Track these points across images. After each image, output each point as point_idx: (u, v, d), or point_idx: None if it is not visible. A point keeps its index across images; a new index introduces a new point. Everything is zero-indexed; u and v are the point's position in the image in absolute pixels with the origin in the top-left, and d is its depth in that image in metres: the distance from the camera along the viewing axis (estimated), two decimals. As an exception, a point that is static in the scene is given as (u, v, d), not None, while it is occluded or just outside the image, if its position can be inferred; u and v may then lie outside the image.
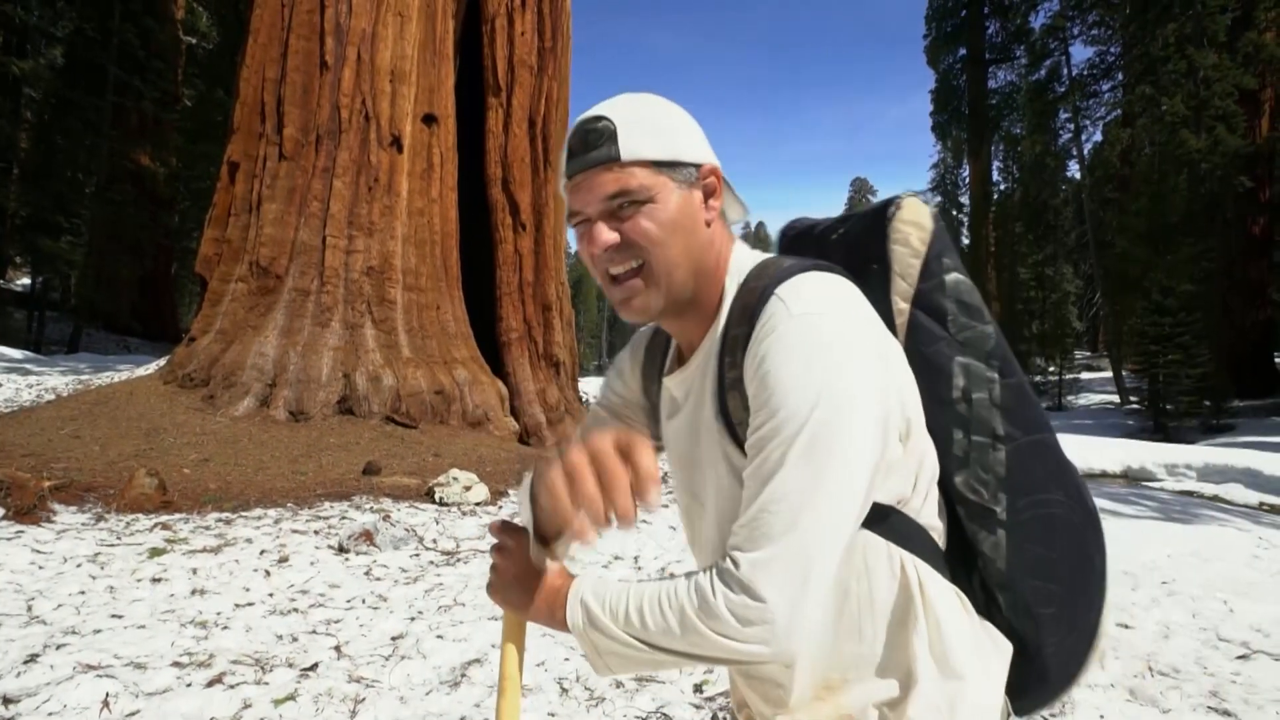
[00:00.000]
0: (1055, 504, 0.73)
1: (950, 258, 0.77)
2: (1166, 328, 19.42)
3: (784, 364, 0.62)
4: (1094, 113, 29.59)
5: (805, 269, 0.70)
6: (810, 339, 0.62)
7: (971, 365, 0.74)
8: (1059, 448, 0.75)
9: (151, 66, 19.27)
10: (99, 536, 4.35)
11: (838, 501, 0.61)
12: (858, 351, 0.63)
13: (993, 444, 0.73)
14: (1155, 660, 3.11)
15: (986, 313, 0.75)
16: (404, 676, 2.76)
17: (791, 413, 0.61)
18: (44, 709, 2.27)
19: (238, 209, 9.17)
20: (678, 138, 0.72)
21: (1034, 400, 0.75)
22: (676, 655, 0.65)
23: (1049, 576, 0.73)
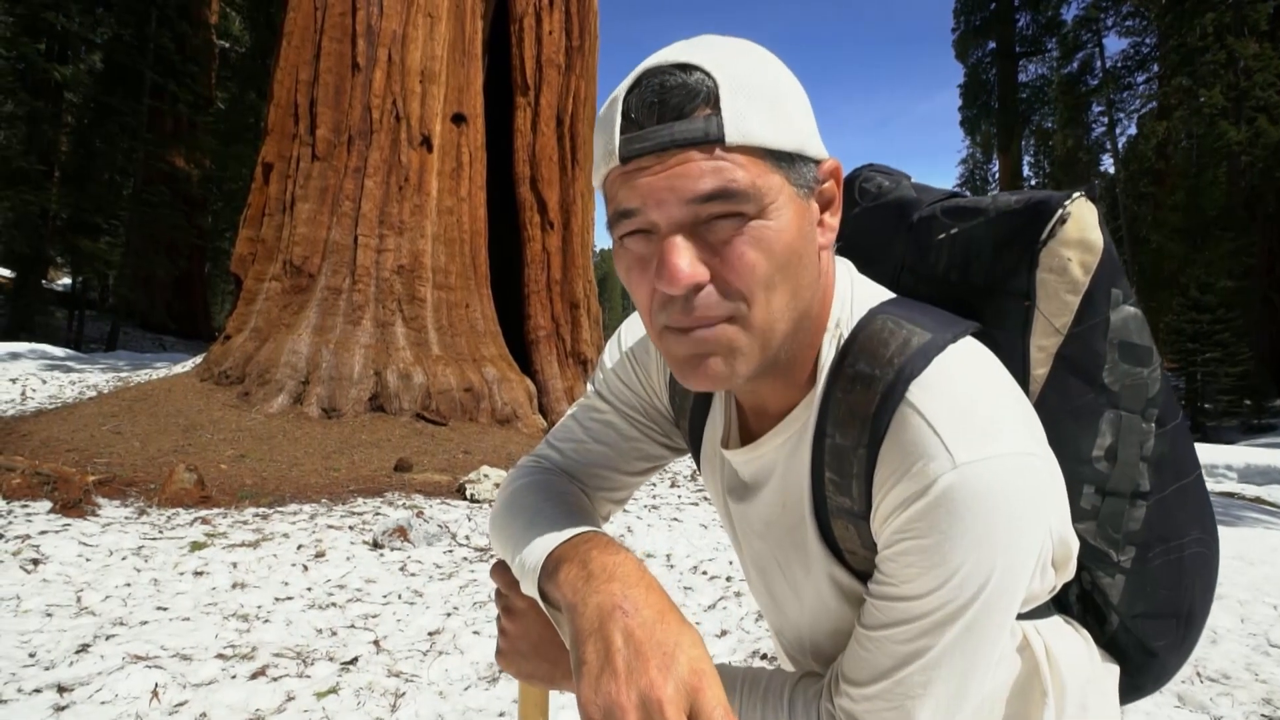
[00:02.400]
0: (1190, 545, 0.63)
1: (1121, 285, 0.57)
2: (1204, 325, 18.89)
3: (949, 542, 0.46)
4: (1128, 105, 28.88)
5: (943, 344, 0.51)
6: (984, 508, 0.46)
7: (1124, 419, 0.58)
8: (1203, 483, 0.64)
9: (186, 71, 19.68)
10: (142, 530, 4.45)
11: (981, 676, 0.51)
12: (1037, 513, 0.48)
13: (1131, 501, 0.60)
14: (1204, 666, 3.00)
15: (1155, 351, 0.58)
16: (442, 672, 2.77)
17: (952, 596, 0.48)
18: (96, 698, 2.32)
19: (272, 209, 9.33)
20: (799, 117, 0.49)
21: (1189, 442, 0.62)
22: None
23: (1170, 614, 0.64)
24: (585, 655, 0.46)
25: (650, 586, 0.49)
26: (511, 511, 0.66)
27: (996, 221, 0.58)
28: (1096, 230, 0.55)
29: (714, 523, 5.57)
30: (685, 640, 0.45)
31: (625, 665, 0.44)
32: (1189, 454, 0.62)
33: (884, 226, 0.66)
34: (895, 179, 0.69)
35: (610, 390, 0.75)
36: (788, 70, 0.51)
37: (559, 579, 0.53)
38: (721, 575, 4.19)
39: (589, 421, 0.76)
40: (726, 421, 0.67)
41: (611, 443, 0.74)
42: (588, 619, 0.47)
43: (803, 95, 0.51)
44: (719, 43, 0.49)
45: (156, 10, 18.47)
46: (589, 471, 0.74)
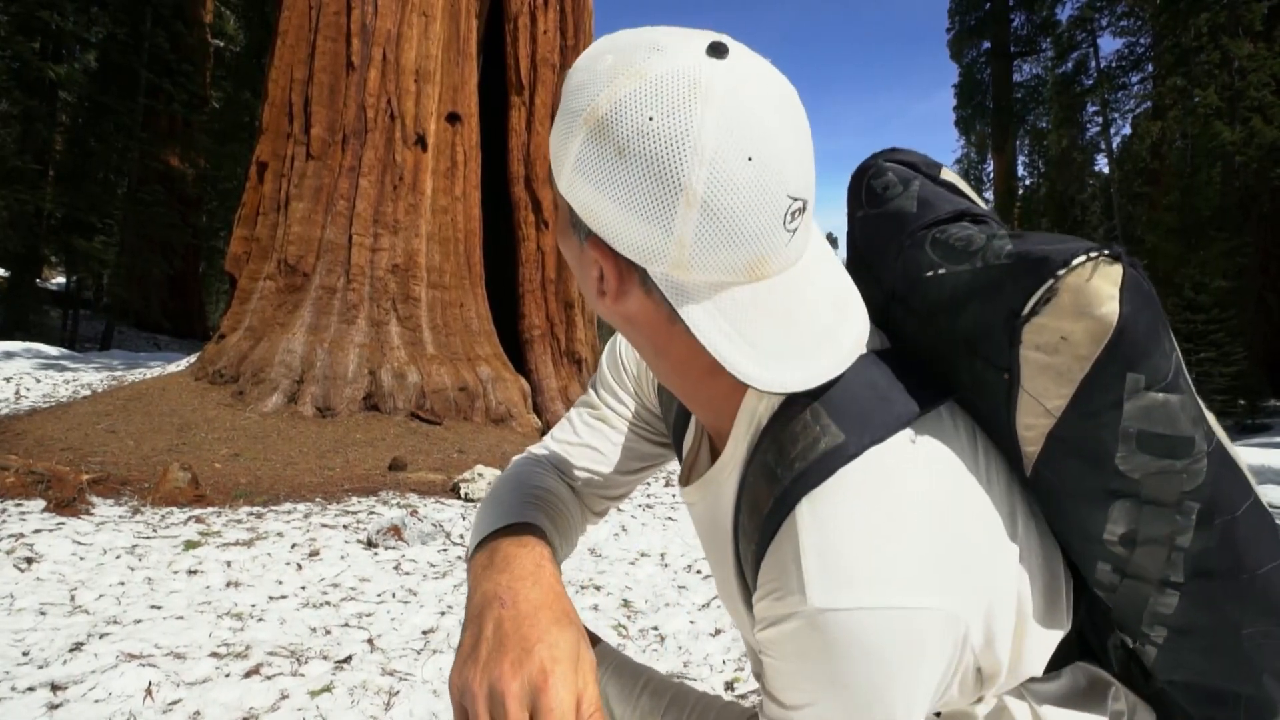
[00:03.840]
0: (1255, 636, 0.50)
1: (1145, 366, 0.43)
2: (1199, 325, 18.97)
3: (804, 676, 0.45)
4: (1123, 105, 28.97)
5: (852, 454, 0.45)
6: (837, 658, 0.43)
7: (1146, 510, 0.48)
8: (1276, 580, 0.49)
9: (181, 70, 19.62)
10: (136, 529, 4.44)
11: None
12: (911, 668, 0.43)
13: (1159, 589, 0.50)
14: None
15: (1199, 440, 0.45)
16: (436, 670, 2.77)
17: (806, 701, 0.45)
18: (90, 696, 2.32)
19: (266, 208, 9.31)
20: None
21: (1256, 532, 0.48)
22: None
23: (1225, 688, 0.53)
24: (461, 639, 0.48)
25: (538, 581, 0.50)
26: (484, 500, 0.67)
27: (982, 274, 0.48)
28: (1109, 305, 0.42)
29: (709, 521, 5.58)
30: (550, 638, 0.45)
31: (486, 654, 0.45)
32: (1253, 545, 0.49)
33: (882, 241, 0.57)
34: (906, 178, 0.59)
35: (606, 390, 0.75)
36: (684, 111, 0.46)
37: (472, 564, 0.55)
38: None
39: (585, 419, 0.76)
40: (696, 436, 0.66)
41: (606, 440, 0.74)
42: (473, 605, 0.49)
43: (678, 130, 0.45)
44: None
45: (151, 9, 18.42)
46: (582, 468, 0.74)
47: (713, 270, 0.44)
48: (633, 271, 0.47)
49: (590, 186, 0.44)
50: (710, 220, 0.41)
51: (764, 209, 0.42)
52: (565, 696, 0.44)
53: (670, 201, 0.41)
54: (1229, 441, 0.50)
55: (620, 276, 0.47)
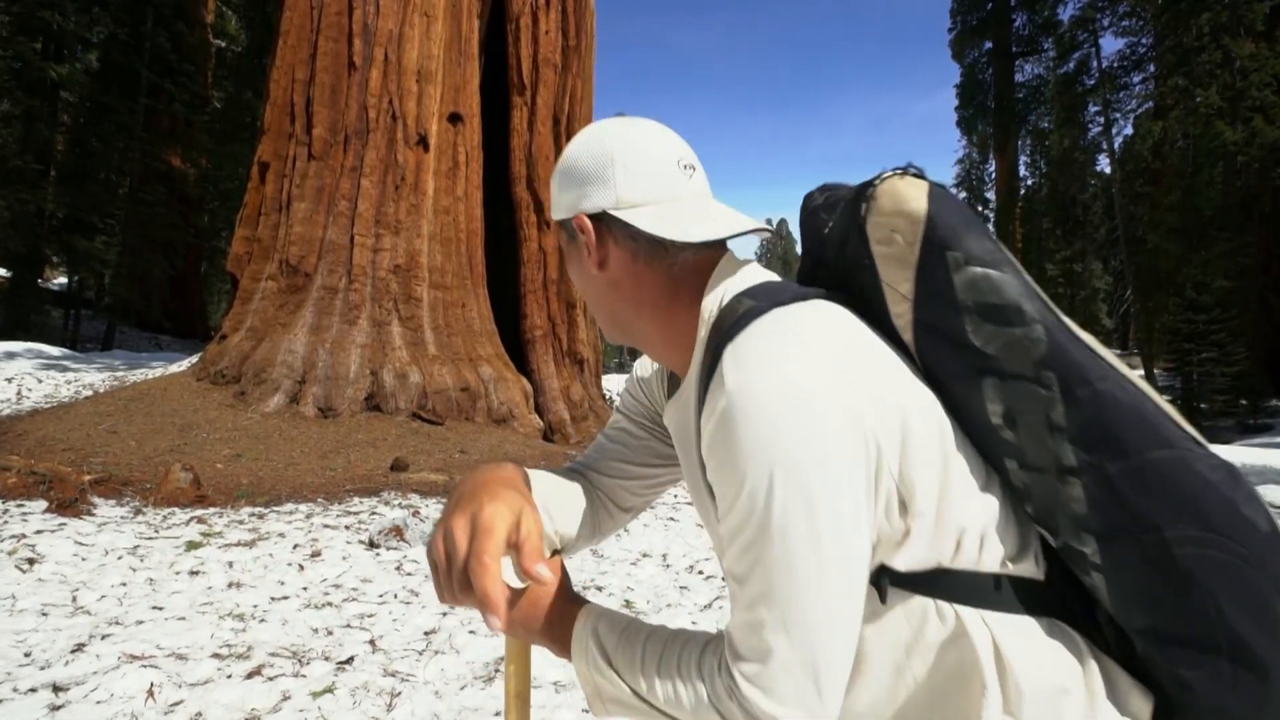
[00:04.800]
0: (1178, 542, 0.53)
1: (961, 247, 0.56)
2: (1201, 325, 18.95)
3: (724, 459, 0.53)
4: (1124, 105, 28.94)
5: (764, 310, 0.57)
6: (742, 424, 0.51)
7: (1010, 384, 0.56)
8: (1176, 471, 0.53)
9: (182, 70, 19.64)
10: (138, 529, 4.44)
11: (825, 597, 0.52)
12: (807, 433, 0.51)
13: (1060, 478, 0.56)
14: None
15: (1030, 309, 0.56)
16: (438, 671, 2.77)
17: (749, 507, 0.52)
18: (92, 697, 2.32)
19: (268, 208, 9.31)
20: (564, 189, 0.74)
21: (1124, 411, 0.54)
22: None
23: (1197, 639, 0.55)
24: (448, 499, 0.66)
25: (497, 469, 0.68)
26: None
27: (845, 208, 0.64)
28: (916, 201, 0.58)
29: (710, 522, 5.58)
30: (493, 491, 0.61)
31: (447, 512, 0.62)
32: (1137, 427, 0.54)
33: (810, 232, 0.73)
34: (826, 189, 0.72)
35: (624, 403, 0.88)
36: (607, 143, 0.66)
37: None
38: (717, 575, 4.20)
39: (610, 429, 0.90)
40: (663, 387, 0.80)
41: (625, 443, 0.86)
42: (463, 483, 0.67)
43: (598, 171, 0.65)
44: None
45: (153, 9, 18.43)
46: (607, 465, 0.86)
47: (642, 197, 0.64)
48: (602, 226, 0.65)
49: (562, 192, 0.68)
50: (627, 173, 0.64)
51: (659, 161, 0.65)
52: (499, 519, 0.57)
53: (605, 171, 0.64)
54: (1077, 328, 0.58)
55: (598, 236, 0.65)
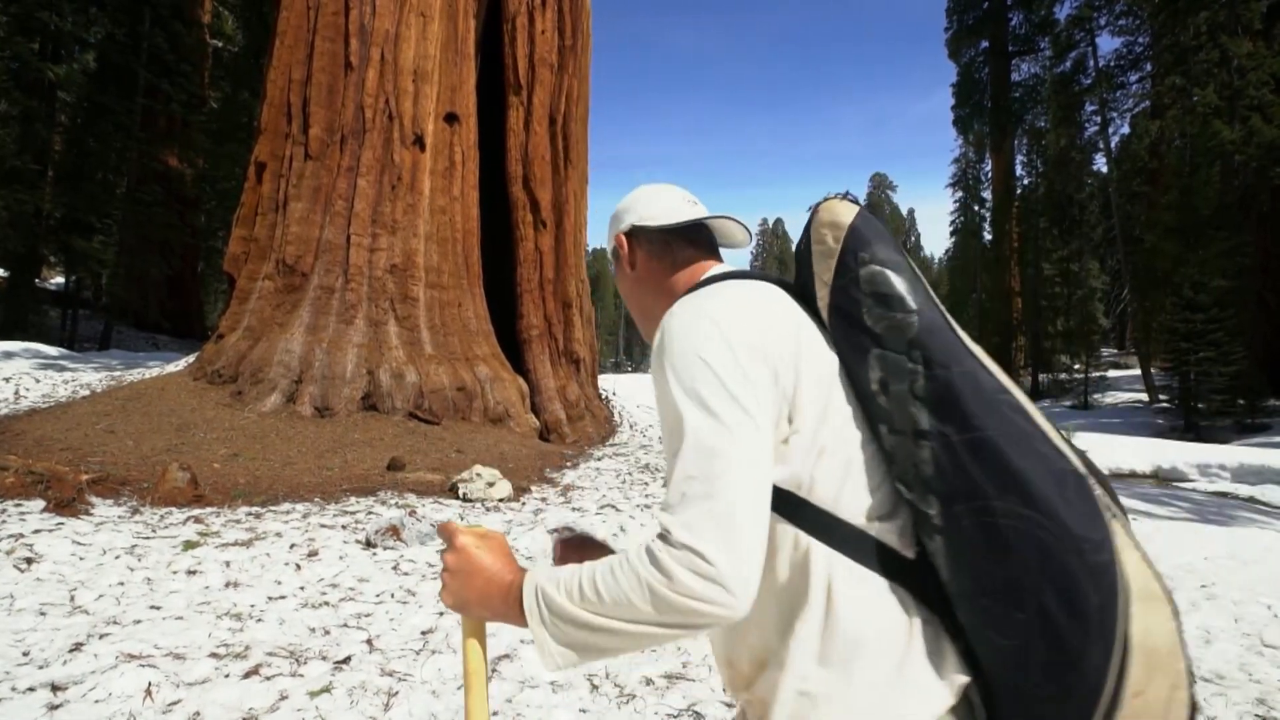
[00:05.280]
0: (1006, 514, 0.62)
1: (869, 250, 0.74)
2: (1198, 324, 18.98)
3: (654, 366, 0.74)
4: (1121, 105, 28.98)
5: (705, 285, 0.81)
6: (666, 336, 0.73)
7: (888, 356, 0.70)
8: (1009, 450, 0.63)
9: (179, 70, 19.61)
10: (135, 529, 4.45)
11: (719, 458, 0.64)
12: (703, 337, 0.70)
13: (915, 441, 0.68)
14: (1197, 666, 3.04)
15: (911, 300, 0.71)
16: (435, 670, 2.78)
17: (667, 403, 0.70)
18: (90, 696, 2.33)
19: (265, 208, 9.31)
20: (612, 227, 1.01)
21: (974, 393, 0.66)
22: (632, 625, 0.64)
23: (1008, 601, 0.62)
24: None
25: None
26: None
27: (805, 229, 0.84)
28: (846, 215, 0.77)
29: (707, 521, 5.59)
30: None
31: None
32: (977, 405, 0.65)
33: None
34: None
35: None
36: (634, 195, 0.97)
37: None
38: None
39: None
40: None
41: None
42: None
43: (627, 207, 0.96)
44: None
45: (150, 10, 18.40)
46: None
47: (654, 215, 0.92)
48: (631, 239, 0.95)
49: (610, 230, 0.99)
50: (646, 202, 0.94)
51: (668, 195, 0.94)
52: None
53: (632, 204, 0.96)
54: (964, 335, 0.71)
55: (629, 246, 0.95)
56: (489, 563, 0.75)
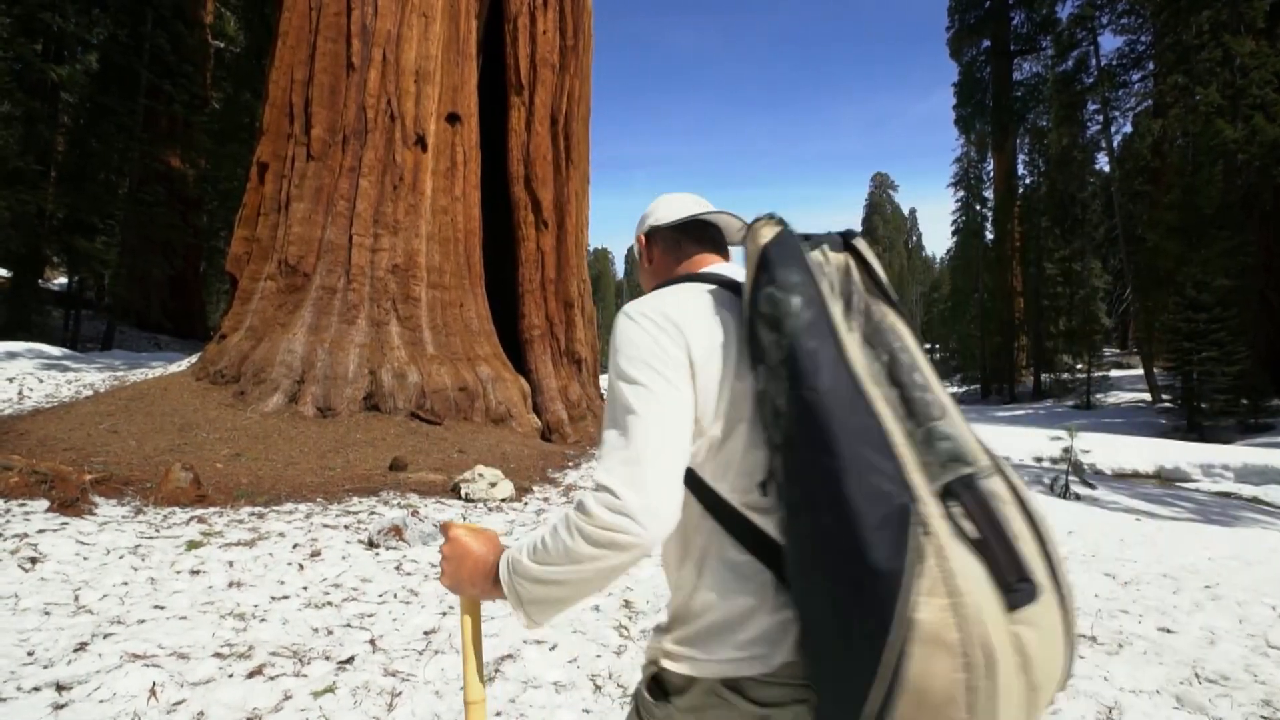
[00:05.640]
0: (823, 533, 0.68)
1: (771, 273, 0.79)
2: (1201, 324, 18.94)
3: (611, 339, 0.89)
4: (1123, 104, 28.91)
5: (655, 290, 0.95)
6: (618, 323, 0.88)
7: (768, 370, 0.77)
8: (845, 476, 0.67)
9: (181, 71, 19.64)
10: (138, 529, 4.45)
11: (631, 413, 0.79)
12: (639, 328, 0.85)
13: (773, 450, 0.76)
14: (1202, 667, 3.03)
15: (788, 323, 0.76)
16: (438, 671, 2.78)
17: (608, 375, 0.87)
18: (95, 696, 2.33)
19: (267, 209, 9.32)
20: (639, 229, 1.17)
21: (827, 419, 0.69)
22: (578, 567, 0.76)
23: (810, 611, 0.73)
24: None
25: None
26: None
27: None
28: (765, 239, 0.82)
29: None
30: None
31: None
32: (830, 430, 0.69)
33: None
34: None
35: None
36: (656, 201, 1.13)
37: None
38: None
39: None
40: None
41: None
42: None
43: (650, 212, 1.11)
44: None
45: (152, 10, 18.43)
46: None
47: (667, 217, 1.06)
48: (649, 238, 1.10)
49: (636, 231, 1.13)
50: (661, 208, 1.08)
51: (681, 201, 1.08)
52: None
53: (651, 209, 1.11)
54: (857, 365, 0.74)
55: (647, 244, 1.10)
56: (477, 547, 0.90)
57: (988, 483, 0.70)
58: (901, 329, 0.79)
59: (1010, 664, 0.62)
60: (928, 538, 0.63)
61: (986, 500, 0.68)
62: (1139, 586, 4.41)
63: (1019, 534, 0.68)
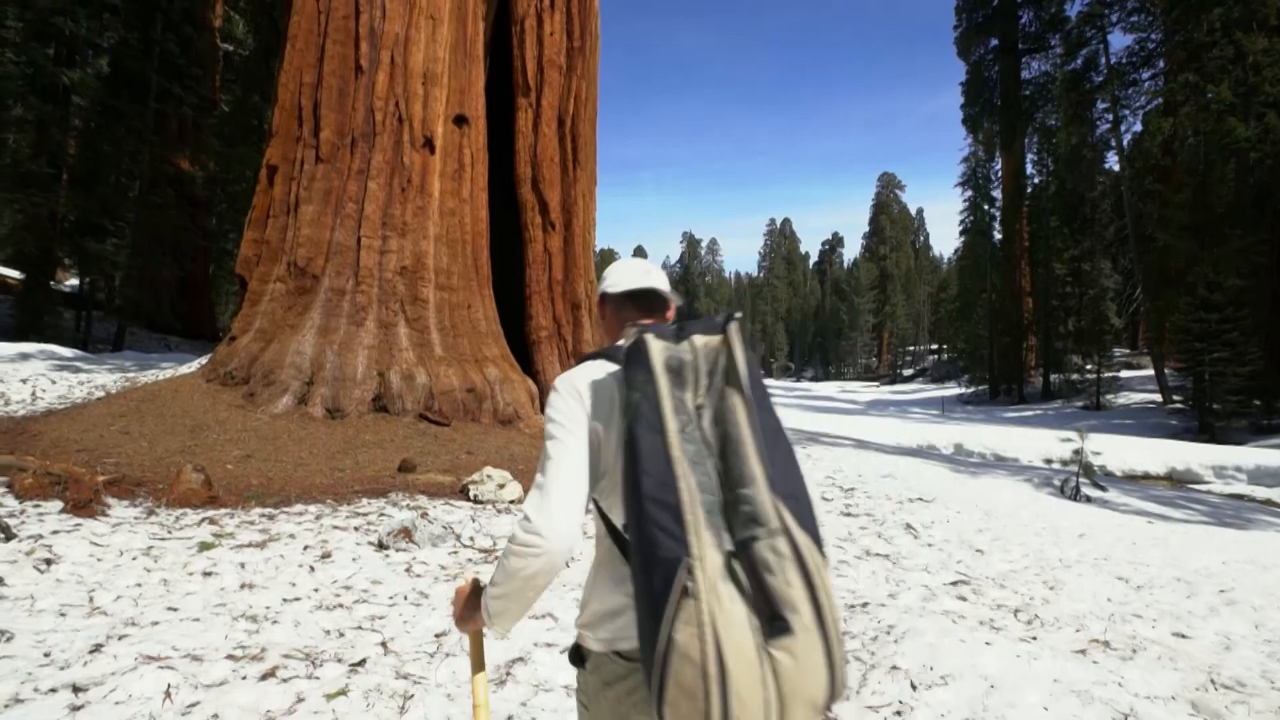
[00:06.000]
0: (636, 567, 0.93)
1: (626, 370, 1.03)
2: (1213, 324, 18.79)
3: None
4: (1133, 102, 28.72)
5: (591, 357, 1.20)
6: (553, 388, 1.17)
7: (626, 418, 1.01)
8: (640, 529, 0.92)
9: (190, 74, 19.77)
10: (151, 530, 4.49)
11: (547, 458, 1.09)
12: (557, 396, 1.14)
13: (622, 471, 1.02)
14: (1218, 673, 3.00)
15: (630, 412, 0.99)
16: (450, 674, 2.79)
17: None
18: (111, 698, 2.35)
19: (276, 211, 9.37)
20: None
21: (642, 490, 0.93)
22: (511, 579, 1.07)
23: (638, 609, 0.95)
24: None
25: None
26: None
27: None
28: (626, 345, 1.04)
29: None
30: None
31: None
32: (637, 465, 0.94)
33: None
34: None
35: None
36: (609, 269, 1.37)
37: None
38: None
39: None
40: None
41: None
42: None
43: (604, 278, 1.37)
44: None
45: (162, 14, 18.56)
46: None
47: (615, 286, 1.32)
48: (602, 302, 1.36)
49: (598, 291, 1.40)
50: (612, 276, 1.35)
51: (628, 270, 1.34)
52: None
53: (605, 276, 1.37)
54: (662, 449, 0.94)
55: (600, 305, 1.36)
56: (467, 588, 1.27)
57: (769, 542, 0.89)
58: (739, 411, 0.97)
59: (752, 677, 0.85)
60: (692, 584, 0.86)
61: (757, 557, 0.89)
62: (1152, 591, 4.38)
63: (789, 582, 0.88)
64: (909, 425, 19.20)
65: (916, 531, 5.83)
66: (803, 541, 0.91)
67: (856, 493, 7.38)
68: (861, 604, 3.76)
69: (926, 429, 17.65)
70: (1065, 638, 3.42)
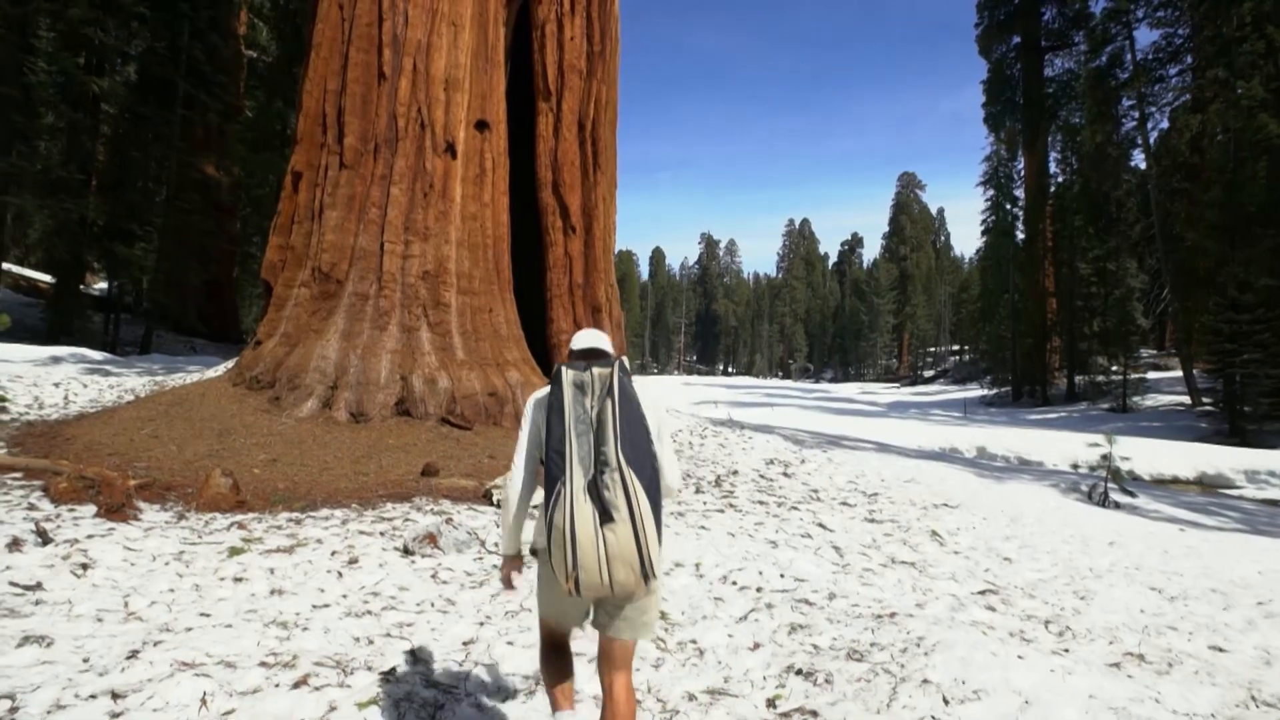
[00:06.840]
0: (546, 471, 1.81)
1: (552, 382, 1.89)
2: (1244, 325, 18.38)
3: None
4: (1160, 99, 28.15)
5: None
6: None
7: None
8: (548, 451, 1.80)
9: (216, 80, 20.15)
10: (182, 535, 4.56)
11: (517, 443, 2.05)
12: (525, 406, 2.02)
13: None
14: (1259, 689, 2.93)
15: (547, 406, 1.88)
16: (478, 684, 2.80)
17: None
18: (149, 705, 2.39)
19: (301, 216, 9.50)
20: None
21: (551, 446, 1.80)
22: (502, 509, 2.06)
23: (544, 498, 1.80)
24: None
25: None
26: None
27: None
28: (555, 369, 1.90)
29: (742, 530, 5.55)
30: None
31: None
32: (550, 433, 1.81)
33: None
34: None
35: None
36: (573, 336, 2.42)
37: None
38: (751, 586, 4.18)
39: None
40: None
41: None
42: None
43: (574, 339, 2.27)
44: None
45: (188, 22, 18.92)
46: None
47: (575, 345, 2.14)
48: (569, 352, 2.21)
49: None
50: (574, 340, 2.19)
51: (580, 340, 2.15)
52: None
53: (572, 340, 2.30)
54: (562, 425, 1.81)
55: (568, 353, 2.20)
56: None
57: (609, 475, 1.71)
58: (608, 410, 1.78)
59: (591, 544, 1.69)
60: (564, 492, 1.72)
61: (601, 481, 1.71)
62: (1186, 602, 4.28)
63: (616, 495, 1.70)
64: (931, 427, 18.98)
65: (942, 539, 5.76)
66: (629, 476, 1.71)
67: (880, 498, 7.31)
68: (889, 614, 3.72)
69: (949, 431, 17.44)
70: (1098, 650, 3.36)
